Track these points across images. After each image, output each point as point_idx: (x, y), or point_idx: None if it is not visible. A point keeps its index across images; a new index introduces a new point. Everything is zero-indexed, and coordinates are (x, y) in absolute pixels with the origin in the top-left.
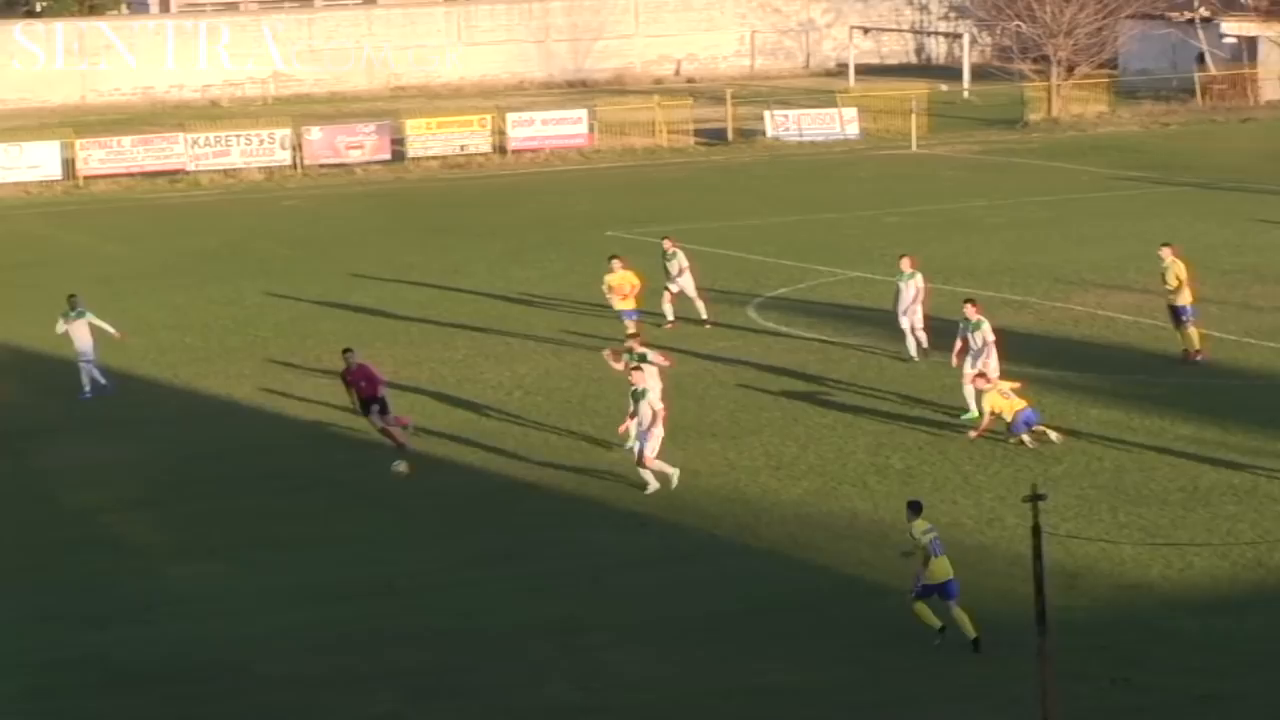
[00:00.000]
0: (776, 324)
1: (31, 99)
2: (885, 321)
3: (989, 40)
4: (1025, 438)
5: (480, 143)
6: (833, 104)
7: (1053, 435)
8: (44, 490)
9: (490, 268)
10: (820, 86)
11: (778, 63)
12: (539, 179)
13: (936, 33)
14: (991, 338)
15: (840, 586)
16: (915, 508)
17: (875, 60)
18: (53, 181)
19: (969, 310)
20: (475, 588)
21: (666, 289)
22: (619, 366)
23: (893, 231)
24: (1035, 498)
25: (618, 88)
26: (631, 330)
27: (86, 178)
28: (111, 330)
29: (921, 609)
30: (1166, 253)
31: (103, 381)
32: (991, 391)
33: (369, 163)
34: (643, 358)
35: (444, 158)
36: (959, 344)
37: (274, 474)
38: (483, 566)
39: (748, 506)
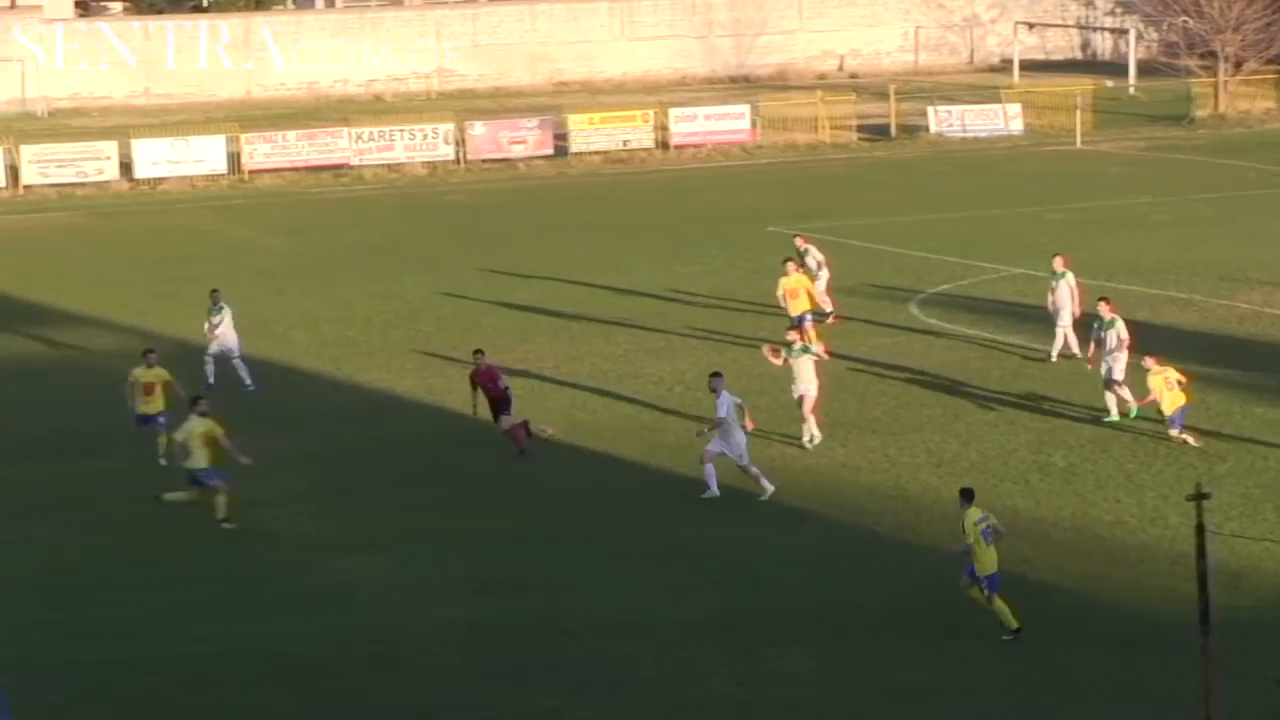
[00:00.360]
0: (938, 320)
1: (198, 94)
2: (1048, 319)
3: (1155, 36)
4: (1187, 436)
5: (643, 138)
6: (997, 100)
7: (1190, 440)
8: None
9: (651, 263)
10: (984, 82)
11: (941, 58)
12: (701, 174)
13: (1102, 28)
14: (1125, 336)
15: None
16: (968, 495)
17: (1040, 56)
18: (218, 176)
19: (1103, 308)
20: (635, 583)
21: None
22: (778, 361)
23: (1056, 228)
24: (1199, 496)
25: (780, 83)
26: (807, 331)
27: (251, 172)
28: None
29: (1001, 606)
30: None
31: (248, 382)
32: (1159, 376)
33: (531, 158)
34: (805, 350)
35: (606, 153)
36: (1093, 345)
37: (435, 468)
38: (642, 562)
39: (908, 503)
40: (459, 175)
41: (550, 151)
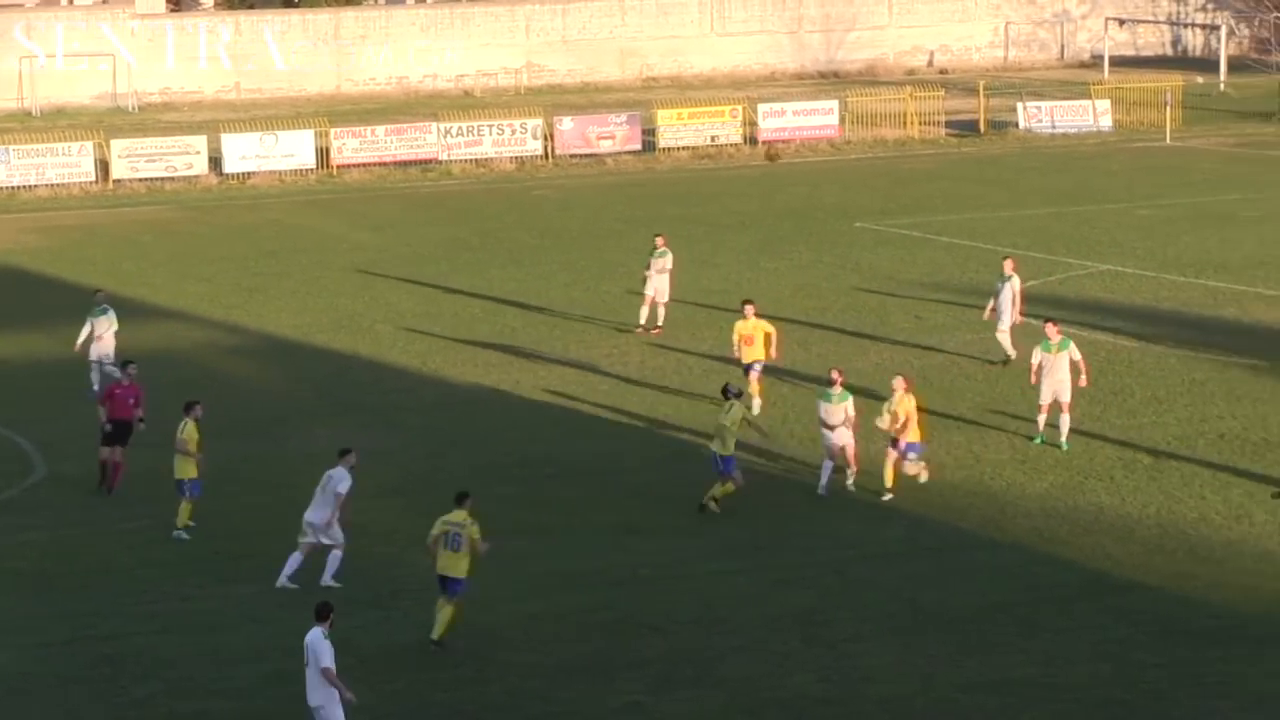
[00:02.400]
0: (1025, 317)
1: (287, 89)
2: (1135, 315)
3: (1247, 32)
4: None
5: (731, 133)
6: (1086, 96)
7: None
8: (294, 475)
9: (739, 258)
10: (1074, 78)
11: (1032, 54)
12: (789, 170)
13: (1193, 24)
14: (1078, 356)
15: (1086, 581)
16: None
17: (1130, 52)
18: (307, 170)
19: (1050, 330)
20: (721, 579)
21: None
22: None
23: (1145, 224)
24: None
25: (870, 79)
26: (754, 382)
27: (340, 166)
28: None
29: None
30: None
31: (95, 388)
32: (910, 401)
33: (619, 153)
34: (844, 395)
35: (694, 148)
36: (1035, 362)
37: (523, 462)
38: (729, 558)
39: (993, 500)
40: (546, 170)
41: (638, 147)
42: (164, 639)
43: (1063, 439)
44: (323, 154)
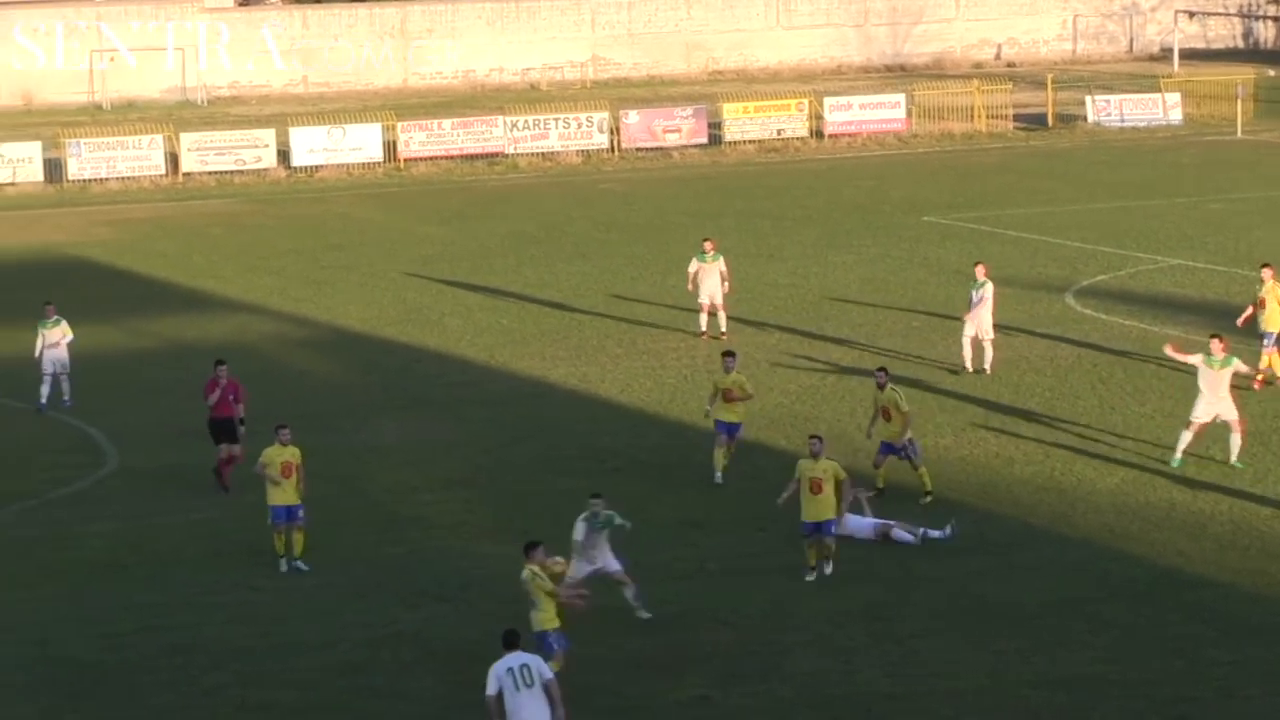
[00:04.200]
0: (1094, 311)
1: (355, 82)
2: (1206, 310)
3: None
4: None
5: (797, 127)
6: (1156, 89)
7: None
8: (363, 468)
9: (805, 252)
10: (1143, 71)
11: (1100, 47)
12: (855, 163)
13: (1265, 16)
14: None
15: (1157, 577)
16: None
17: (1201, 44)
18: (374, 164)
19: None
20: (787, 573)
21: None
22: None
23: (1216, 219)
24: None
25: (936, 72)
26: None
27: (407, 160)
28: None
29: None
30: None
31: (66, 399)
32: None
33: (685, 146)
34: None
35: (760, 141)
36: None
37: (588, 455)
38: (795, 552)
39: (1063, 495)
40: (613, 164)
41: (704, 140)
42: (233, 629)
43: (1234, 458)
44: (390, 147)
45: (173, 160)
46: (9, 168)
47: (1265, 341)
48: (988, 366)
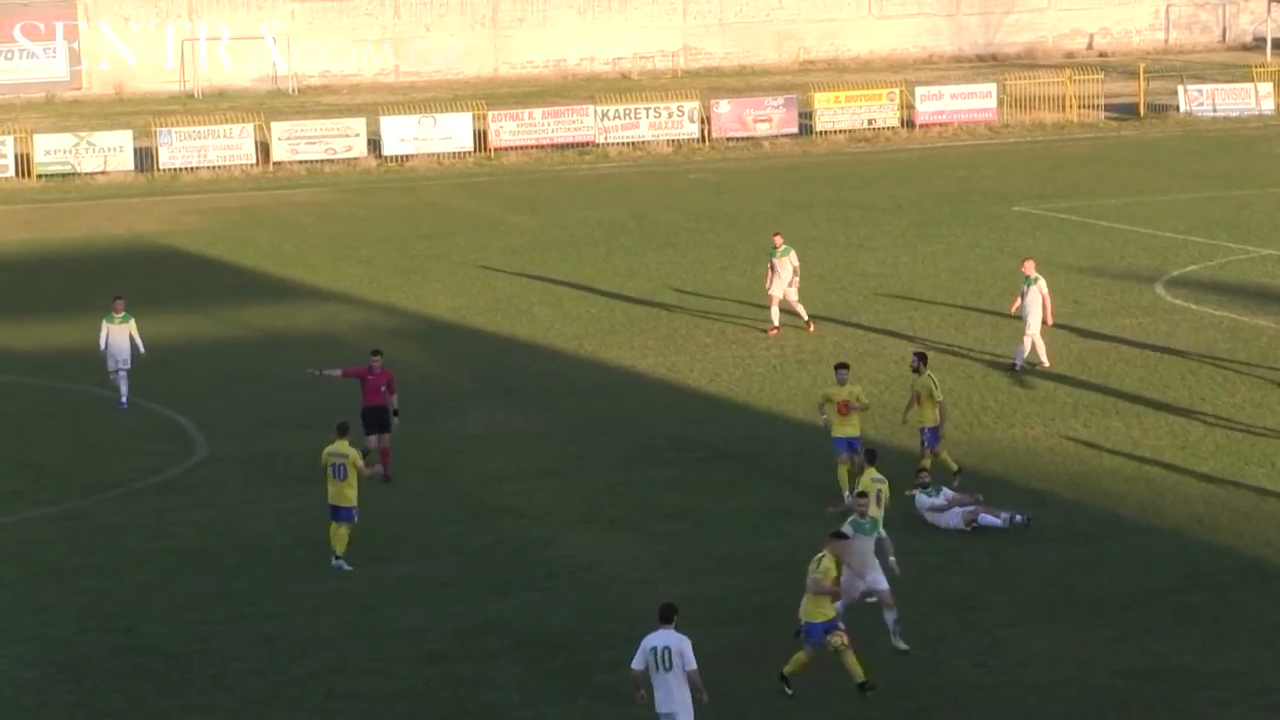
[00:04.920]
0: (1184, 301)
1: (445, 72)
2: None
3: None
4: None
5: (888, 116)
6: (1249, 79)
7: None
8: (451, 457)
9: (895, 242)
10: (1236, 61)
11: (1193, 36)
12: (946, 153)
13: None
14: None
15: (1245, 568)
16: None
17: None
18: (464, 153)
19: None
20: None
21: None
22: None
23: None
24: None
25: (1028, 61)
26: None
27: (497, 149)
28: (140, 347)
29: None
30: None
31: (123, 401)
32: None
33: (776, 136)
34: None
35: (851, 131)
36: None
37: (677, 445)
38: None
39: (1151, 485)
40: (703, 154)
41: (795, 130)
42: (321, 618)
43: None
44: (480, 137)
45: (263, 149)
46: (100, 157)
47: None
48: (1022, 361)
